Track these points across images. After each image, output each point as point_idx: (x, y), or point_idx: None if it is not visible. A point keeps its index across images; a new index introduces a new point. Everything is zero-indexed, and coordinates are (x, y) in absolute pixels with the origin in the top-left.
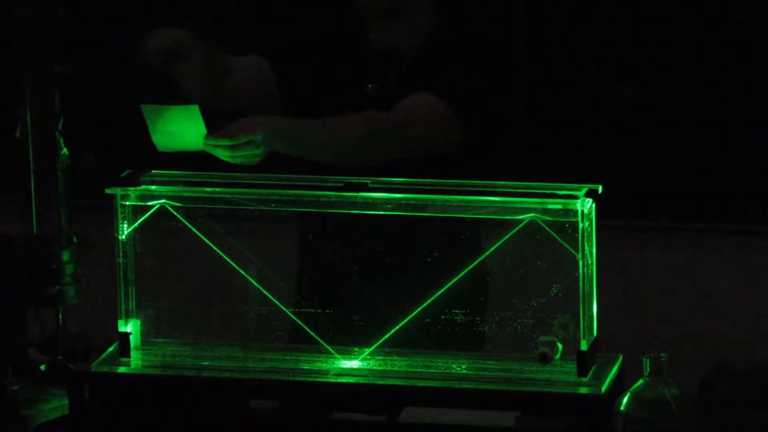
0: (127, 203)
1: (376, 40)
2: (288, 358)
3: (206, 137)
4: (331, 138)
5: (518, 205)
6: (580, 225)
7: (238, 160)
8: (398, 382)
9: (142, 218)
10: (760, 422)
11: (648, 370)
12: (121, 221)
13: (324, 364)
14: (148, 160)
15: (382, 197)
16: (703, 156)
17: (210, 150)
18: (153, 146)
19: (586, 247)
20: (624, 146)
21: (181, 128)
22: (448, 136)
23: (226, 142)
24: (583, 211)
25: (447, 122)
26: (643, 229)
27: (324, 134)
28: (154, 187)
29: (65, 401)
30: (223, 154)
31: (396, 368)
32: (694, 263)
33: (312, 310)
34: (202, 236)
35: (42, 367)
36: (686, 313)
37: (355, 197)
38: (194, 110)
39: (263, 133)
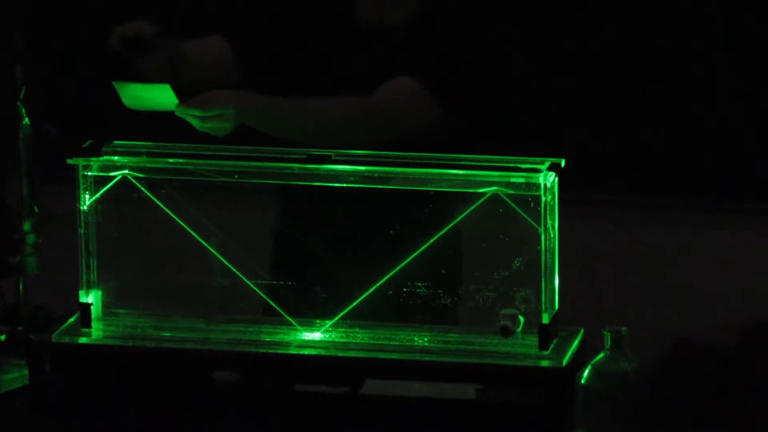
0: (89, 174)
1: (365, 15)
2: (250, 330)
3: (178, 106)
4: (304, 119)
5: (481, 179)
6: (543, 198)
7: (206, 130)
8: (360, 355)
9: (104, 189)
10: (719, 396)
11: (609, 343)
12: (82, 192)
13: (286, 336)
14: (111, 130)
15: (345, 170)
16: (670, 131)
17: (181, 116)
18: (118, 113)
19: (548, 221)
20: (588, 120)
21: (153, 100)
22: (428, 121)
23: (198, 113)
24: (545, 185)
25: (426, 108)
26: (604, 203)
27: (298, 115)
28: (116, 158)
29: (26, 371)
30: (193, 122)
31: (358, 340)
32: (657, 238)
33: (274, 283)
34: (164, 207)
35: (2, 338)
36: (648, 288)
37: (318, 169)
38: (165, 88)
39: (235, 108)
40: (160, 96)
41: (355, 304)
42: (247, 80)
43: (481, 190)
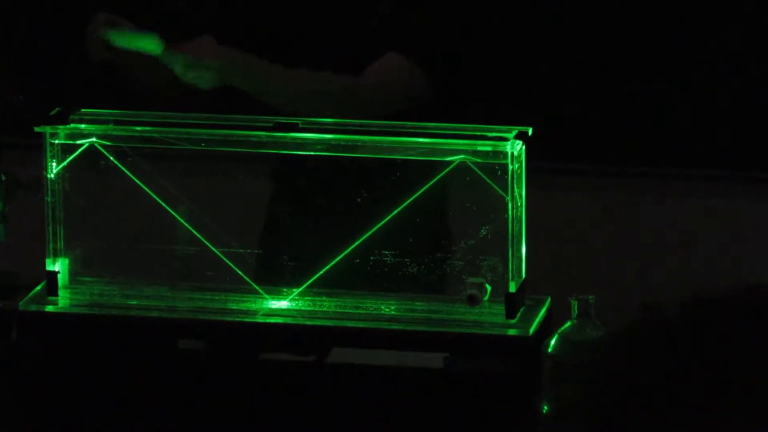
0: (57, 142)
1: None
2: (216, 298)
3: (165, 50)
4: (289, 86)
5: (448, 147)
6: (510, 167)
7: (188, 79)
8: (326, 323)
9: (71, 157)
10: (685, 363)
11: (576, 312)
12: (50, 159)
13: (253, 305)
14: (79, 98)
15: (312, 138)
16: (637, 99)
17: (165, 61)
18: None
19: (515, 189)
20: (556, 88)
21: (139, 45)
22: (416, 95)
23: (183, 60)
24: (513, 153)
25: (415, 82)
26: (572, 171)
27: (283, 81)
28: (83, 126)
29: None
30: (176, 69)
31: (324, 309)
32: (625, 207)
33: (241, 251)
34: (131, 175)
35: None
36: (616, 256)
37: (285, 138)
38: (152, 37)
39: (221, 61)
40: (146, 42)
41: (322, 272)
42: None
43: (448, 159)
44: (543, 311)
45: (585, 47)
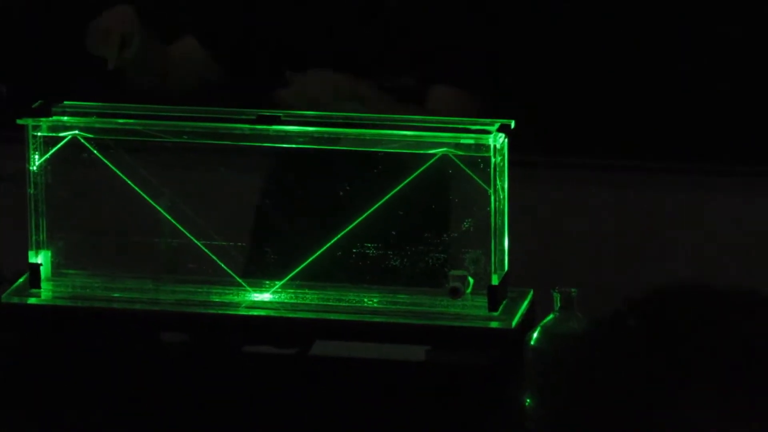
0: (39, 134)
1: None
2: (199, 290)
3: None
4: None
5: (431, 140)
6: (493, 160)
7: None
8: (309, 316)
9: (53, 149)
10: (666, 356)
11: (558, 304)
12: (32, 152)
13: (235, 297)
14: (61, 91)
15: (294, 130)
16: (617, 92)
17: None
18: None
19: (498, 182)
20: (538, 81)
21: None
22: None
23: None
24: (495, 146)
25: (470, 105)
26: (555, 165)
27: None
28: (66, 118)
29: None
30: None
31: (307, 301)
32: (609, 200)
33: (224, 243)
34: (113, 168)
35: None
36: (598, 249)
37: (268, 130)
38: None
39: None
40: None
41: (304, 265)
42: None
43: (430, 151)
44: (525, 304)
45: (577, 41)
